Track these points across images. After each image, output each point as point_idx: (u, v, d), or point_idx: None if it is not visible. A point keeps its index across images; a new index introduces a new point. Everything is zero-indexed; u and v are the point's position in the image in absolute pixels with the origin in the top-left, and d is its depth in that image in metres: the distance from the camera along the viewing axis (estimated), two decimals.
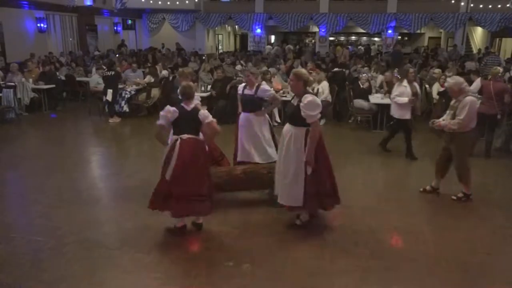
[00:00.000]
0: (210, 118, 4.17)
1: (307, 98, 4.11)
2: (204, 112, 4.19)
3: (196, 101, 4.53)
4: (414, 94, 6.87)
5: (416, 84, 7.26)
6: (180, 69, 6.49)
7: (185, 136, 4.14)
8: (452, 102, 5.18)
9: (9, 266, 3.79)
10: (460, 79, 5.12)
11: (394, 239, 4.39)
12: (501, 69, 7.77)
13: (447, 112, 5.25)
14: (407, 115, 6.89)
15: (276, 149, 5.08)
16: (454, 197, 5.29)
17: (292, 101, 4.40)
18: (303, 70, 4.44)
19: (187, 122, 4.16)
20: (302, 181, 4.22)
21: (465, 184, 5.29)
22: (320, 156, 4.26)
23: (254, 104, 5.42)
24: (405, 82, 6.87)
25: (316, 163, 4.20)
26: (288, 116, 4.52)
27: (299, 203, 4.28)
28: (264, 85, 5.58)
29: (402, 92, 6.80)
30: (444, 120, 5.17)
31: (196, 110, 4.19)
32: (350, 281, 3.61)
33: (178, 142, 4.14)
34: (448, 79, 5.20)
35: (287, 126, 4.38)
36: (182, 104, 4.20)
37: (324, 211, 4.56)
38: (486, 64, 13.19)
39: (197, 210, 4.26)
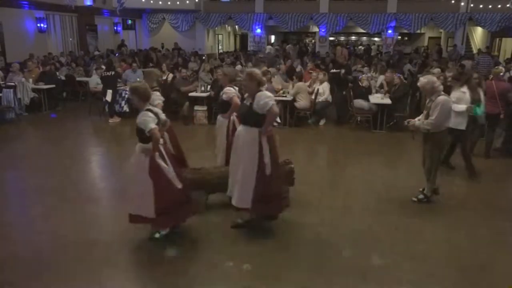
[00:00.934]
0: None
1: (259, 95, 4.05)
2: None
3: (157, 100, 4.50)
4: (476, 101, 6.23)
5: (480, 91, 6.66)
6: (147, 69, 6.19)
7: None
8: (427, 101, 5.13)
9: (9, 266, 3.79)
10: (433, 78, 5.06)
11: (394, 239, 4.39)
12: (502, 69, 7.79)
13: (422, 115, 5.18)
14: (463, 125, 6.08)
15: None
16: (414, 199, 5.22)
17: (245, 102, 4.30)
18: (257, 71, 4.32)
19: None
20: (253, 183, 4.12)
21: (430, 185, 5.21)
22: (273, 160, 4.18)
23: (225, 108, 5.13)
24: (464, 88, 6.15)
25: (271, 166, 4.12)
26: (241, 116, 4.41)
27: (247, 204, 4.20)
28: (228, 88, 5.15)
29: (460, 99, 6.02)
30: (420, 120, 5.12)
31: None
32: (350, 281, 3.61)
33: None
34: (421, 78, 5.13)
35: (240, 127, 4.30)
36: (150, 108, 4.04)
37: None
38: (478, 63, 13.72)
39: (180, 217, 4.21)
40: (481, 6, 18.92)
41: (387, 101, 8.94)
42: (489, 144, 7.26)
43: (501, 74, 7.47)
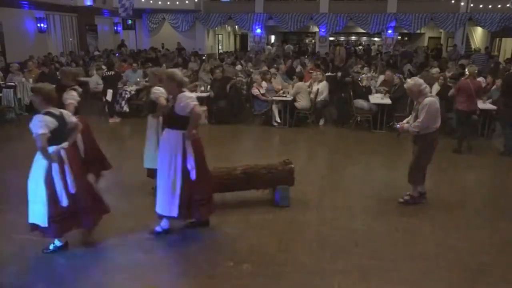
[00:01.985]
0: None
1: (180, 97, 3.92)
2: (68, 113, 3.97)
3: (70, 100, 4.43)
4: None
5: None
6: (64, 68, 5.99)
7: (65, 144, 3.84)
8: (415, 104, 5.08)
9: (9, 266, 3.79)
10: (419, 80, 5.00)
11: (394, 239, 4.39)
12: (476, 68, 8.22)
13: (411, 116, 5.14)
14: None
15: None
16: (401, 200, 5.16)
17: (169, 103, 4.18)
18: (177, 71, 4.14)
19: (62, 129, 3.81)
20: (178, 189, 4.00)
21: (414, 186, 5.15)
22: (199, 164, 4.07)
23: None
24: None
25: (196, 170, 4.01)
26: (164, 119, 4.25)
27: (174, 213, 4.06)
28: (156, 88, 4.67)
29: None
30: (409, 122, 5.05)
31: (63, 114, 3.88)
32: (350, 281, 3.61)
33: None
34: (408, 80, 5.09)
35: (165, 130, 4.14)
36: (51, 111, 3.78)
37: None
38: (473, 62, 14.01)
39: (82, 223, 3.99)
40: (481, 6, 18.92)
41: (387, 101, 8.94)
42: (461, 139, 7.46)
43: (475, 72, 7.79)
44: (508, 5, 17.85)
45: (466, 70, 8.21)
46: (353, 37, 30.18)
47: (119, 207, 5.12)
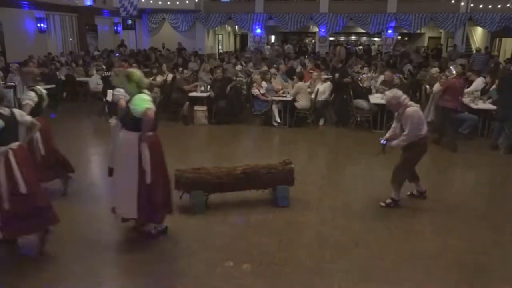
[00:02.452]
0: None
1: (135, 98, 3.87)
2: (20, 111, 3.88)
3: (26, 100, 4.40)
4: None
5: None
6: (25, 68, 6.10)
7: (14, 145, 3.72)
8: (395, 114, 5.05)
9: (9, 266, 3.79)
10: (398, 93, 4.94)
11: (394, 239, 4.39)
12: (461, 68, 8.80)
13: (394, 123, 5.14)
14: None
15: None
16: (382, 204, 5.10)
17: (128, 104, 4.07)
18: (136, 71, 4.08)
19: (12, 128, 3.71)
20: (135, 190, 3.94)
21: (395, 189, 5.09)
22: (156, 165, 3.98)
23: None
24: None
25: (152, 172, 3.92)
26: (120, 120, 4.17)
27: (133, 215, 4.03)
28: (118, 90, 4.37)
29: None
30: (395, 134, 5.03)
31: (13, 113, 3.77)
32: (350, 281, 3.61)
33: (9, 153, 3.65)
34: (386, 92, 5.03)
35: (122, 131, 4.07)
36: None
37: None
38: (474, 61, 14.52)
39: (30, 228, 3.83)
40: (481, 6, 18.92)
41: None
42: (441, 133, 7.82)
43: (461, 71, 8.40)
44: (508, 5, 17.85)
45: (453, 69, 8.46)
46: (353, 37, 30.15)
47: None
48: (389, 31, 20.32)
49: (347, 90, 9.43)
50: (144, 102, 3.84)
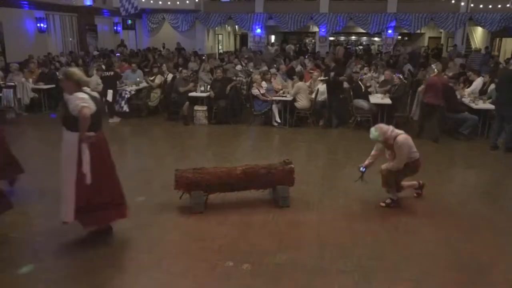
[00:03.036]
0: None
1: (72, 97, 3.81)
2: None
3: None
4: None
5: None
6: None
7: None
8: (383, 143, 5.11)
9: (9, 266, 3.78)
10: (383, 128, 4.97)
11: (394, 239, 4.39)
12: (441, 66, 9.18)
13: (374, 151, 5.27)
14: None
15: None
16: (382, 204, 5.13)
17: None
18: (75, 70, 4.01)
19: None
20: (73, 192, 3.86)
21: (390, 190, 5.15)
22: (98, 167, 3.90)
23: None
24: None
25: (95, 174, 3.85)
26: (61, 119, 4.06)
27: (70, 218, 3.93)
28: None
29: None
30: (372, 158, 5.27)
31: None
32: (350, 281, 3.61)
33: None
34: (371, 129, 5.06)
35: (63, 131, 3.98)
36: None
37: None
38: (472, 61, 14.81)
39: None
40: (481, 6, 18.92)
41: (387, 101, 8.94)
42: (421, 127, 8.21)
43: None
44: (508, 5, 17.84)
45: (434, 68, 8.79)
46: (353, 37, 30.17)
47: None
48: (389, 31, 20.33)
49: (343, 89, 9.39)
50: (80, 100, 3.77)
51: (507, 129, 7.43)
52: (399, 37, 23.72)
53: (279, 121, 9.34)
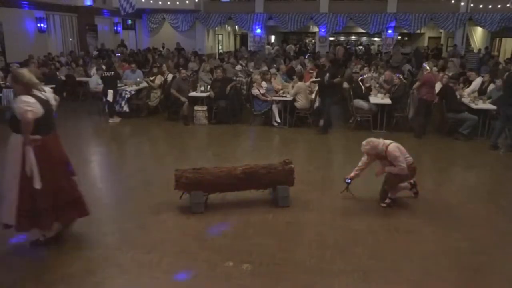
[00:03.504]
0: None
1: (17, 99, 3.73)
2: None
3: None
4: None
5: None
6: None
7: None
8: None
9: (9, 266, 3.79)
10: (373, 142, 5.04)
11: (394, 239, 4.39)
12: (433, 65, 9.65)
13: (361, 163, 5.37)
14: None
15: None
16: (383, 204, 5.13)
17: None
18: (24, 72, 3.88)
19: None
20: (16, 196, 3.74)
21: (390, 192, 5.18)
22: (46, 170, 3.79)
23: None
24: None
25: (41, 178, 3.74)
26: (8, 122, 3.94)
27: (11, 221, 3.80)
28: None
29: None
30: (358, 169, 5.38)
31: None
32: (350, 281, 3.61)
33: None
34: (363, 142, 5.12)
35: (11, 134, 3.86)
36: None
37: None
38: (467, 60, 14.99)
39: None
40: (481, 6, 18.92)
41: (387, 101, 8.95)
42: (421, 126, 8.38)
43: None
44: (508, 5, 17.85)
45: (426, 65, 8.82)
46: (353, 37, 30.17)
47: (119, 207, 5.14)
48: (389, 31, 20.33)
49: (337, 91, 9.23)
50: (24, 103, 3.67)
51: (508, 131, 7.42)
52: (399, 37, 23.72)
53: (279, 121, 9.34)
